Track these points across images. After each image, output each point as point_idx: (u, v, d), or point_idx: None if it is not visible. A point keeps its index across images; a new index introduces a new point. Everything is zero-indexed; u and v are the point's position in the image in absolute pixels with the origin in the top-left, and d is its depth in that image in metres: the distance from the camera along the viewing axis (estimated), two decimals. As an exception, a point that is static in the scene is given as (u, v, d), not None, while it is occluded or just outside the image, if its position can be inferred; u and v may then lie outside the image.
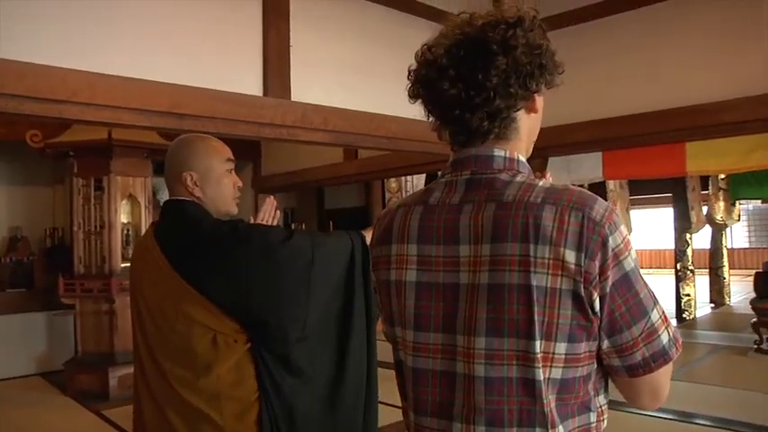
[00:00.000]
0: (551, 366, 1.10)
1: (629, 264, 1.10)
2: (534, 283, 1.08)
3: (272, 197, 2.26)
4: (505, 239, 1.11)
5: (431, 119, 1.26)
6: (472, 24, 1.17)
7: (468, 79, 1.14)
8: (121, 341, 6.03)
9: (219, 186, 1.94)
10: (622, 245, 1.10)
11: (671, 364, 1.15)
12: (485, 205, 1.15)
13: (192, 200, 1.90)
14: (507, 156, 1.20)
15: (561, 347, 1.10)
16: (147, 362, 1.89)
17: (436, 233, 1.20)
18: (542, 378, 1.09)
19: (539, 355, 1.09)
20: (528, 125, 1.25)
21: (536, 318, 1.08)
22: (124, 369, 5.92)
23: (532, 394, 1.10)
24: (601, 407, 1.18)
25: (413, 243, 1.23)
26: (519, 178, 1.18)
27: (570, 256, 1.07)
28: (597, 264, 1.07)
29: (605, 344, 1.12)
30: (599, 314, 1.09)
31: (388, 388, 1.82)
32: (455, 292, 1.16)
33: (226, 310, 1.77)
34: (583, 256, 1.07)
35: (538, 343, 1.09)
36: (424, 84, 1.21)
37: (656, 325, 1.12)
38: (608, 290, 1.08)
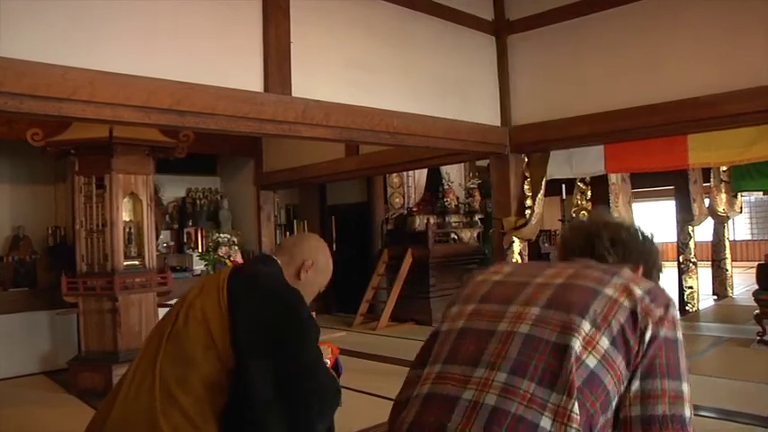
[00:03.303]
0: (590, 352, 1.21)
1: (680, 336, 1.28)
2: (602, 290, 1.29)
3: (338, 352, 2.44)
4: (590, 268, 1.40)
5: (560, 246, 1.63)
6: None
7: (609, 223, 1.58)
8: (125, 339, 6.03)
9: (313, 287, 2.26)
10: (678, 320, 1.30)
11: None
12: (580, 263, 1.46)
13: (281, 265, 2.17)
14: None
15: (605, 342, 1.22)
16: (153, 342, 2.00)
17: (532, 266, 1.67)
18: (576, 350, 1.19)
19: (583, 333, 1.21)
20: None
21: (593, 306, 1.25)
22: (127, 367, 5.90)
23: (561, 358, 1.19)
24: None
25: (509, 266, 1.62)
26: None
27: (639, 290, 1.29)
28: (660, 311, 1.26)
29: (635, 385, 1.21)
30: (644, 348, 1.22)
31: (390, 382, 1.82)
32: (527, 286, 1.39)
33: (232, 335, 1.87)
34: (649, 298, 1.28)
35: (587, 324, 1.22)
36: (577, 222, 1.59)
37: (683, 394, 1.23)
38: (660, 336, 1.23)
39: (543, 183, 5.33)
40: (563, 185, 9.42)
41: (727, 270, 11.35)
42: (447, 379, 1.28)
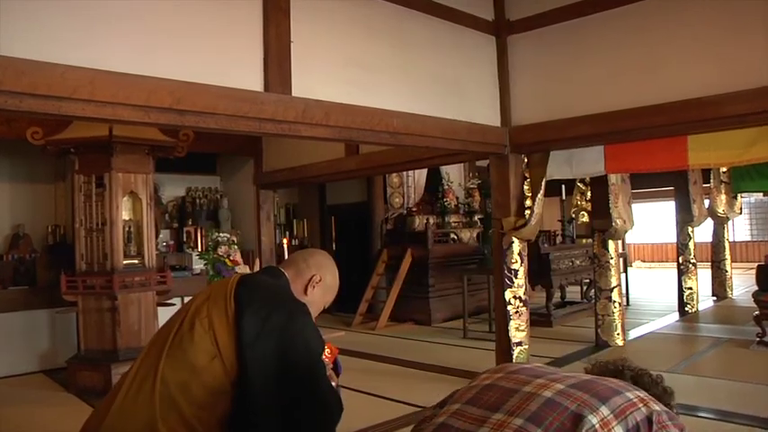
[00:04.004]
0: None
1: None
2: (621, 390, 1.38)
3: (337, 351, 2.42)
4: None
5: None
6: None
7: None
8: (124, 338, 6.03)
9: (318, 304, 2.26)
10: None
11: None
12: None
13: (290, 279, 2.18)
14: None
15: (619, 430, 1.29)
16: (156, 343, 1.99)
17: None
18: (594, 423, 1.27)
19: (601, 413, 1.29)
20: None
21: (613, 398, 1.34)
22: (127, 366, 5.80)
23: (576, 424, 1.27)
24: None
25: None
26: None
27: (658, 407, 1.37)
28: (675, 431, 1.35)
29: None
30: None
31: (389, 382, 1.82)
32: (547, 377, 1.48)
33: (237, 349, 1.87)
34: (667, 416, 1.35)
35: (605, 409, 1.31)
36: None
37: None
38: None
39: (543, 183, 5.33)
40: (563, 186, 9.43)
41: (726, 271, 11.35)
42: (465, 417, 1.37)
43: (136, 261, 6.35)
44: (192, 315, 1.96)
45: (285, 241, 9.66)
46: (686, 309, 9.70)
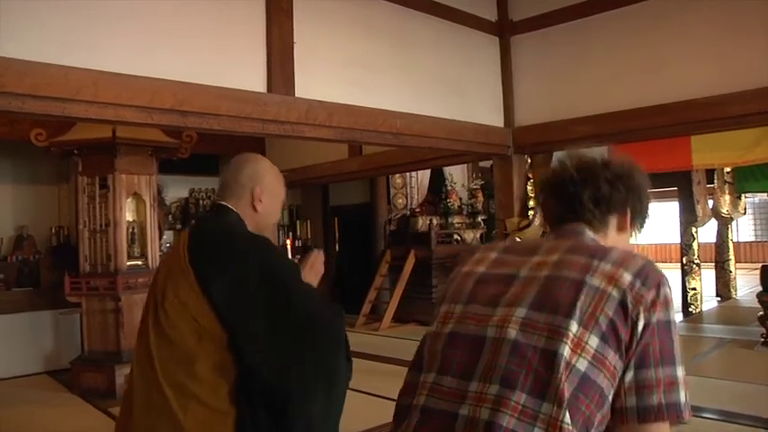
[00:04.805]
0: (580, 355, 1.17)
1: (674, 316, 1.24)
2: (588, 281, 1.24)
3: (320, 251, 2.34)
4: (576, 254, 1.31)
5: (546, 200, 1.56)
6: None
7: (587, 172, 1.46)
8: (128, 339, 6.03)
9: (273, 209, 2.17)
10: (671, 299, 1.25)
11: (667, 425, 1.21)
12: (567, 240, 1.40)
13: (237, 213, 2.06)
14: (597, 238, 1.43)
15: (594, 341, 1.18)
16: (143, 339, 1.94)
17: (517, 247, 1.47)
18: (566, 356, 1.16)
19: (571, 335, 1.18)
20: (617, 237, 1.47)
21: (579, 303, 1.21)
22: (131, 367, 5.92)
23: (551, 366, 1.16)
24: None
25: (496, 252, 1.48)
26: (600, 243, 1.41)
27: (627, 276, 1.23)
28: (651, 295, 1.21)
29: (629, 376, 1.19)
30: (637, 338, 1.19)
31: (392, 383, 1.81)
32: (512, 280, 1.34)
33: (218, 315, 1.81)
34: (639, 282, 1.22)
35: (574, 324, 1.19)
36: (553, 174, 1.53)
37: (678, 379, 1.20)
38: (653, 322, 1.20)
39: (546, 184, 5.32)
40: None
41: (730, 271, 11.33)
42: (443, 393, 1.26)
43: (139, 262, 6.36)
44: (160, 302, 1.90)
45: (288, 242, 9.65)
46: (690, 309, 9.69)
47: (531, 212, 5.32)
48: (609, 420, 1.20)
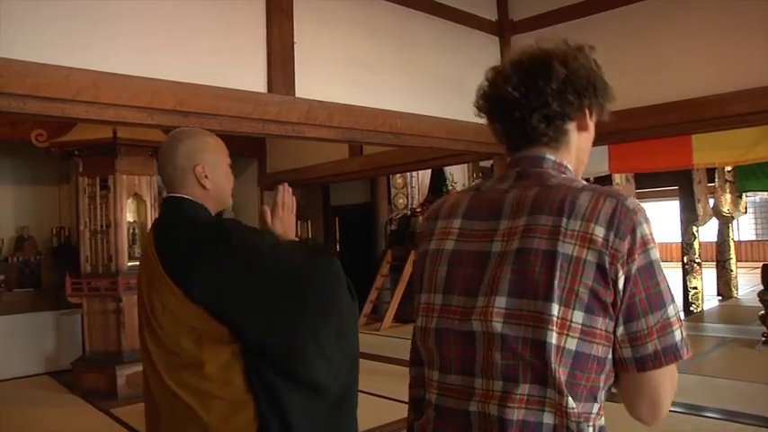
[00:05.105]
0: (567, 335, 1.14)
1: (655, 254, 1.17)
2: (560, 249, 1.15)
3: (285, 184, 2.16)
4: (541, 212, 1.19)
5: (492, 128, 1.39)
6: (535, 47, 1.32)
7: (530, 84, 1.27)
8: (129, 340, 6.04)
9: (225, 179, 2.01)
10: (650, 235, 1.16)
11: (676, 373, 1.19)
12: (530, 189, 1.25)
13: (190, 198, 1.93)
14: (557, 160, 1.32)
15: (579, 316, 1.14)
16: (145, 353, 1.90)
17: (482, 210, 1.31)
18: (554, 342, 1.13)
19: (554, 319, 1.13)
20: (578, 142, 1.37)
21: (556, 282, 1.13)
22: (132, 367, 5.94)
23: (542, 357, 1.13)
24: (603, 402, 1.20)
25: (458, 218, 1.33)
26: (566, 175, 1.30)
27: (599, 231, 1.14)
28: (626, 245, 1.13)
29: (620, 330, 1.16)
30: (620, 295, 1.14)
31: (393, 383, 1.81)
32: (485, 260, 1.24)
33: (209, 313, 1.76)
34: (612, 234, 1.14)
35: (555, 307, 1.13)
36: (489, 88, 1.35)
37: (671, 319, 1.16)
38: (633, 272, 1.14)
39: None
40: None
41: (731, 270, 11.34)
42: (451, 390, 1.26)
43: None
44: (151, 312, 1.85)
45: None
46: (691, 308, 9.69)
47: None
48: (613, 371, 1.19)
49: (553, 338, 1.12)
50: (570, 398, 1.13)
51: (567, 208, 1.17)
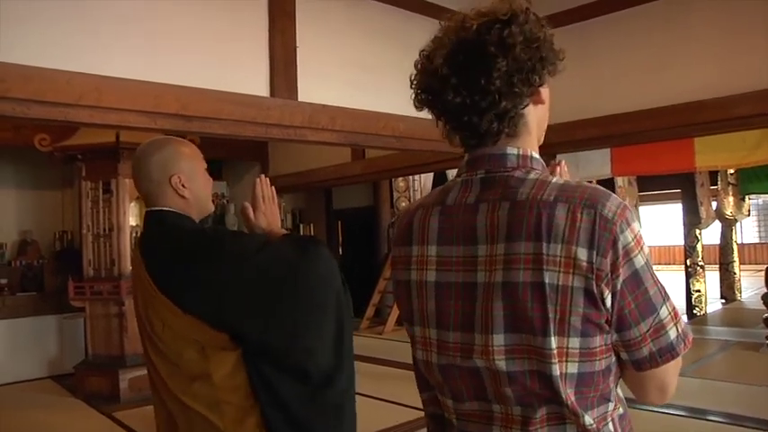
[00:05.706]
0: (567, 361, 1.12)
1: (640, 261, 1.12)
2: (547, 280, 1.10)
3: (262, 176, 2.19)
4: (519, 238, 1.13)
5: (440, 125, 1.29)
6: (466, 28, 1.17)
7: (472, 85, 1.15)
8: (132, 343, 6.04)
9: (203, 186, 1.99)
10: (633, 242, 1.11)
11: (679, 359, 1.17)
12: (499, 204, 1.17)
13: (171, 209, 1.90)
14: (520, 153, 1.22)
15: (575, 342, 1.11)
16: (150, 365, 1.90)
17: (455, 234, 1.22)
18: (558, 374, 1.11)
19: (554, 351, 1.11)
20: (536, 117, 1.26)
21: (550, 315, 1.10)
22: (135, 371, 5.93)
23: (551, 387, 1.12)
24: (617, 396, 1.21)
25: (432, 244, 1.26)
26: (532, 175, 1.19)
27: (582, 254, 1.09)
28: (609, 261, 1.09)
29: (615, 337, 1.14)
30: (610, 311, 1.12)
31: (396, 387, 1.81)
32: (473, 291, 1.18)
33: (208, 323, 1.75)
34: (594, 253, 1.08)
35: (552, 339, 1.10)
36: (428, 93, 1.24)
37: (664, 321, 1.14)
38: (618, 287, 1.10)
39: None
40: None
41: (735, 273, 11.32)
42: (470, 416, 1.25)
43: (143, 267, 6.36)
44: (151, 330, 1.84)
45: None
46: (694, 311, 9.67)
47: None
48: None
49: (556, 370, 1.12)
50: (586, 415, 1.14)
51: (544, 231, 1.10)
